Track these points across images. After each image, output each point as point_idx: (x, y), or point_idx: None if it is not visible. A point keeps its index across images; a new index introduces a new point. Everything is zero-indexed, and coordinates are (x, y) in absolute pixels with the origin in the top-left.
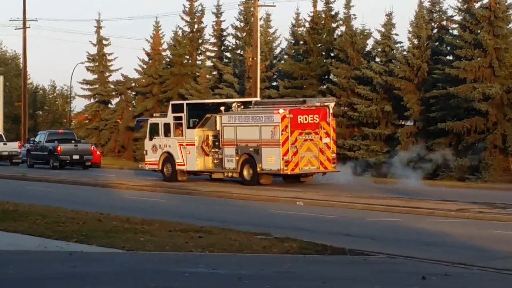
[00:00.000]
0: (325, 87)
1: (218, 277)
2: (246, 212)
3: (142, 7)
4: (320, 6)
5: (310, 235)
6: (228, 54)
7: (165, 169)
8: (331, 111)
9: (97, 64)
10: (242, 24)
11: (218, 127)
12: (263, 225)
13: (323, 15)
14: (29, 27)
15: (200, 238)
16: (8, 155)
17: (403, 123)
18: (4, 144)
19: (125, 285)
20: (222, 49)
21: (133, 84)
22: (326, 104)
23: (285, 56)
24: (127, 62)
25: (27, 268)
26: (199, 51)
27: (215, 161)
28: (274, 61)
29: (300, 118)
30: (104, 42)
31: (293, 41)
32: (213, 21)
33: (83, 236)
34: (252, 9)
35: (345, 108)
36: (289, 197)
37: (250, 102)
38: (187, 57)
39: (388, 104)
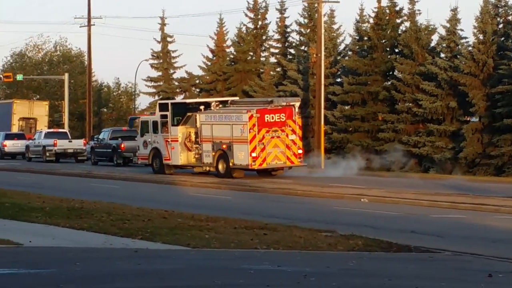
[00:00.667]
0: (389, 83)
1: (283, 274)
2: (311, 209)
3: (206, 4)
4: (385, 2)
5: (375, 232)
6: (292, 51)
7: (154, 163)
8: (297, 110)
9: (161, 61)
10: (306, 21)
11: (197, 125)
12: (328, 222)
13: (387, 11)
14: (94, 24)
15: (265, 235)
16: (74, 153)
17: (468, 119)
18: (69, 141)
19: (190, 282)
20: (286, 45)
21: (197, 81)
22: (292, 103)
23: (349, 52)
24: (191, 59)
25: (94, 265)
26: (263, 48)
27: (196, 156)
28: (338, 57)
29: (267, 117)
30: (168, 39)
31: (357, 37)
32: (277, 18)
33: (148, 233)
34: (316, 5)
35: (410, 104)
36: (354, 194)
37: (227, 101)
38: (251, 53)
39: (453, 100)
